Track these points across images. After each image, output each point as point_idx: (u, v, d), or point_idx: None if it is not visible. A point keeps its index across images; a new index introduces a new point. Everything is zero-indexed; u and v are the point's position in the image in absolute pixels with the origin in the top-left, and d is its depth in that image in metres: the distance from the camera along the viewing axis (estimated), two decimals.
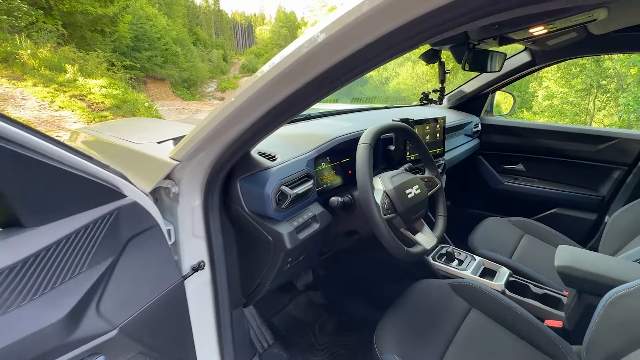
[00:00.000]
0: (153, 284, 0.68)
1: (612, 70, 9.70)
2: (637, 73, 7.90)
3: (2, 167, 0.46)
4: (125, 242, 0.63)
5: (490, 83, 1.88)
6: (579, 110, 10.53)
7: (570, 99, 10.50)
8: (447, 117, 1.75)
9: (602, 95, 10.56)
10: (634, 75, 8.20)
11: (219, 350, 1.01)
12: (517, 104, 12.69)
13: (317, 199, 1.03)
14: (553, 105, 11.05)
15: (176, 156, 0.80)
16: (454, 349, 0.98)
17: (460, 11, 0.42)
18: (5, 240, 0.48)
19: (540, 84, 11.91)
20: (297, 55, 0.55)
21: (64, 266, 0.52)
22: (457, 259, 1.44)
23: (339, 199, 0.98)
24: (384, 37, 0.48)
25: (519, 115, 13.24)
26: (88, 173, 0.56)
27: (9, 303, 0.46)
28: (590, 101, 10.72)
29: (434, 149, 1.53)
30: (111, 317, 0.58)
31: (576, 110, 10.49)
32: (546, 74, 11.29)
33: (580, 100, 10.62)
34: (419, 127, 1.42)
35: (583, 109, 10.82)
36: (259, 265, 0.98)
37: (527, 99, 14.00)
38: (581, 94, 10.31)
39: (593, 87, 10.40)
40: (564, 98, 10.63)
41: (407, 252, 0.91)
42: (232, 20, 79.76)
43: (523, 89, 14.83)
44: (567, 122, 10.07)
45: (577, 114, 10.35)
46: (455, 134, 1.84)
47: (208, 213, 0.90)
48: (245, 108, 0.67)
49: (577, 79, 10.21)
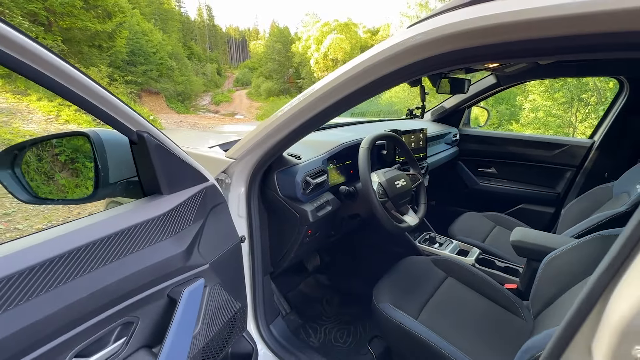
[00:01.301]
0: (225, 239, 0.99)
1: (592, 84, 10.17)
2: (613, 87, 8.42)
3: (157, 161, 0.78)
4: (209, 209, 0.94)
5: (465, 100, 2.26)
6: (562, 122, 11.05)
7: (553, 112, 11.00)
8: (430, 128, 2.11)
9: (583, 108, 11.02)
10: (612, 89, 8.71)
11: (253, 305, 1.32)
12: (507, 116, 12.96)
13: (329, 189, 1.36)
14: (538, 118, 11.55)
15: (232, 156, 1.13)
16: (433, 301, 1.29)
17: (427, 65, 0.75)
18: (153, 202, 0.80)
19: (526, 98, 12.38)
20: (321, 92, 0.89)
21: (182, 219, 0.84)
22: (438, 242, 1.77)
23: (346, 188, 1.31)
24: (376, 80, 0.82)
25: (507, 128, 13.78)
26: (193, 165, 0.88)
27: (158, 237, 0.78)
28: (573, 114, 11.20)
29: (418, 154, 1.88)
30: (205, 256, 0.89)
31: (559, 122, 11.00)
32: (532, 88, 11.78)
33: (563, 113, 11.11)
34: (406, 136, 1.77)
35: (566, 120, 11.30)
36: (285, 239, 1.30)
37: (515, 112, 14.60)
38: (564, 107, 10.83)
39: (575, 100, 10.87)
40: (547, 111, 11.14)
41: (396, 226, 1.24)
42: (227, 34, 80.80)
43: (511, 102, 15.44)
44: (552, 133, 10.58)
45: (560, 125, 10.86)
46: (437, 142, 2.19)
47: (250, 199, 1.22)
48: (283, 124, 1.01)
49: (559, 92, 10.73)
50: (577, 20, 0.52)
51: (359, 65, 0.82)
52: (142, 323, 0.74)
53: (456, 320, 1.21)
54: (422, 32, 0.69)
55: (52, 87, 0.57)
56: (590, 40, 0.55)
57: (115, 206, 0.79)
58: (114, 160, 0.80)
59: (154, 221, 0.77)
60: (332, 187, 1.38)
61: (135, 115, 0.72)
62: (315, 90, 0.91)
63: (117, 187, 0.83)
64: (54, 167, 3.98)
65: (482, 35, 0.62)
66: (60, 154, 4.06)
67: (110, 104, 0.66)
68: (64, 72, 0.57)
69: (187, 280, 0.84)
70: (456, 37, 0.65)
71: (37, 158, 0.89)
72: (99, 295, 0.63)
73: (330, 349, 1.53)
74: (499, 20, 0.59)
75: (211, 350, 0.91)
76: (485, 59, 0.68)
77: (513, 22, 0.57)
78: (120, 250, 0.68)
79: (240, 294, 1.08)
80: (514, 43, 0.60)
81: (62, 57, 0.57)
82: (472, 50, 0.65)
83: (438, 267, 1.47)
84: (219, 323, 0.94)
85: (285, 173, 1.19)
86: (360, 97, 0.89)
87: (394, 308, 1.21)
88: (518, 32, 0.58)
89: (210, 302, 0.90)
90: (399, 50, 0.74)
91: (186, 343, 0.78)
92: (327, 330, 1.63)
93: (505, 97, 17.07)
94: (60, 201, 0.87)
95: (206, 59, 47.31)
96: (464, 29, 0.63)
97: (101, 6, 13.51)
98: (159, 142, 0.78)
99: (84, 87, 0.61)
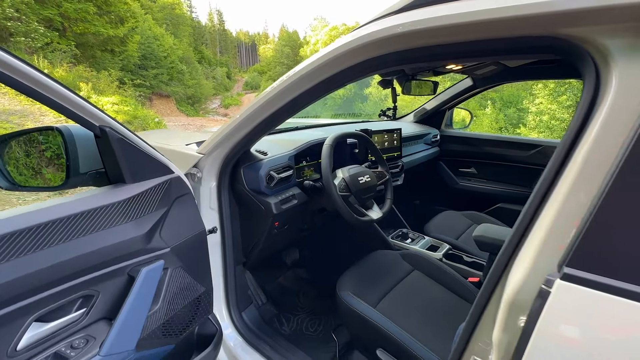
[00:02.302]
0: (188, 228, 1.09)
1: None
2: None
3: (120, 153, 0.88)
4: (174, 199, 1.04)
5: (445, 102, 2.33)
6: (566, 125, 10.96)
7: (557, 116, 10.95)
8: (409, 129, 2.19)
9: None
10: None
11: (225, 292, 1.41)
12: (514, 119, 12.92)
13: (297, 185, 1.45)
14: (542, 121, 11.51)
15: (202, 151, 1.23)
16: (395, 291, 1.36)
17: (367, 65, 0.83)
18: (116, 189, 0.90)
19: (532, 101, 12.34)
20: (279, 87, 0.98)
21: (145, 206, 0.94)
22: (410, 238, 1.84)
23: (310, 182, 1.39)
24: (324, 81, 0.91)
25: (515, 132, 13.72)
26: (158, 159, 0.98)
27: (119, 220, 0.87)
28: None
29: (392, 153, 1.96)
30: (167, 240, 0.99)
31: (564, 126, 10.95)
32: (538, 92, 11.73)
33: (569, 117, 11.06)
34: (379, 136, 1.85)
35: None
36: (254, 230, 1.39)
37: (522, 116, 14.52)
38: (568, 111, 10.79)
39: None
40: (552, 115, 11.09)
41: (357, 219, 1.32)
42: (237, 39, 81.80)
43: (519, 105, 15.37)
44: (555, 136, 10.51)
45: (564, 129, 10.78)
46: (415, 142, 2.26)
47: (220, 192, 1.31)
48: (246, 120, 1.10)
49: (563, 96, 10.68)
50: (487, 25, 0.60)
51: (307, 67, 0.91)
52: (103, 297, 0.83)
53: (413, 309, 1.28)
54: (357, 37, 0.79)
55: (19, 88, 0.67)
56: (497, 44, 0.64)
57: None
58: (84, 153, 0.90)
59: (115, 205, 0.87)
60: (301, 183, 1.46)
61: (97, 111, 0.82)
62: (273, 88, 1.01)
63: (87, 177, 0.93)
64: (39, 160, 4.73)
65: (407, 40, 0.72)
66: (46, 150, 4.52)
67: (72, 102, 0.76)
68: (29, 75, 0.67)
69: (148, 261, 0.93)
70: (382, 42, 0.75)
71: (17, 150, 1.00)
72: (59, 267, 0.73)
73: (300, 337, 1.61)
74: (423, 26, 0.68)
75: (173, 327, 1.01)
76: (417, 60, 0.77)
77: (438, 26, 0.66)
78: (81, 229, 0.78)
79: (204, 279, 1.16)
80: (439, 46, 0.69)
81: (27, 62, 0.67)
82: (397, 54, 0.76)
83: (405, 261, 1.54)
84: (180, 303, 1.03)
85: (251, 168, 1.29)
86: (310, 98, 0.99)
87: (352, 296, 1.28)
88: (444, 37, 0.67)
89: (171, 283, 1.00)
90: (339, 53, 0.83)
91: (142, 317, 0.87)
92: (300, 320, 1.71)
93: (513, 100, 16.98)
94: (35, 188, 0.98)
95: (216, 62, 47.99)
96: (387, 35, 0.73)
97: (114, 12, 13.93)
98: (121, 136, 0.88)
99: (47, 87, 0.71)
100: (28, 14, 10.66)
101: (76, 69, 11.10)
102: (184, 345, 1.12)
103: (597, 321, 0.49)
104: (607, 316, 0.48)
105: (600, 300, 0.48)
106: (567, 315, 0.51)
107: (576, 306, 0.50)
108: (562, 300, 0.52)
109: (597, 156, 0.50)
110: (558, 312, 0.52)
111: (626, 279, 0.47)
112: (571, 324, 0.51)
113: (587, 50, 0.55)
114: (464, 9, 0.62)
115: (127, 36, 15.02)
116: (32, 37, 10.45)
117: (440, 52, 0.72)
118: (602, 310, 0.48)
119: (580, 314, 0.50)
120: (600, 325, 0.49)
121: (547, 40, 0.58)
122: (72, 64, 11.59)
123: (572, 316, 0.51)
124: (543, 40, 0.59)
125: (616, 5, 0.48)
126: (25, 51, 10.35)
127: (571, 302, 0.51)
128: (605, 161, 0.50)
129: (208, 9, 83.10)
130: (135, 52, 16.50)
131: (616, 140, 0.49)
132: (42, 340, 0.74)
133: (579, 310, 0.50)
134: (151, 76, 18.59)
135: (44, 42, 10.94)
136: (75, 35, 12.69)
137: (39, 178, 3.99)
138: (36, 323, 0.73)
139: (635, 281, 0.46)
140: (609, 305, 0.47)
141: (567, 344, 0.51)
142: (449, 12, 0.64)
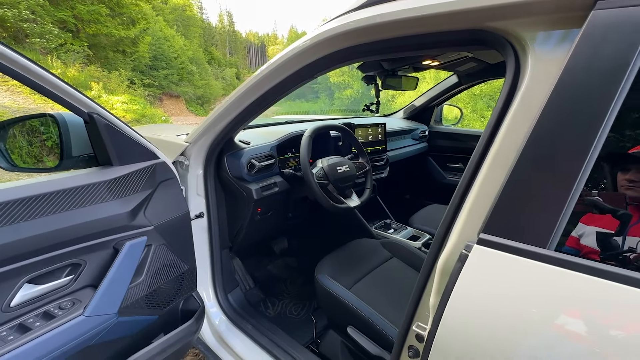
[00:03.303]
0: (172, 209, 1.18)
1: None
2: None
3: (107, 138, 0.98)
4: (158, 182, 1.14)
5: (433, 99, 2.39)
6: None
7: None
8: (397, 124, 2.26)
9: None
10: None
11: (211, 274, 1.51)
12: None
13: (279, 174, 1.54)
14: None
15: (187, 140, 1.33)
16: (372, 275, 1.42)
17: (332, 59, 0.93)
18: (104, 170, 1.00)
19: None
20: (254, 80, 1.08)
21: (130, 187, 1.03)
22: (393, 228, 1.92)
23: (290, 170, 1.48)
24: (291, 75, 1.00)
25: None
26: (144, 144, 1.08)
27: (105, 198, 0.97)
28: None
29: (377, 146, 2.04)
30: (150, 219, 1.08)
31: None
32: None
33: None
34: (363, 130, 1.93)
35: None
36: (238, 215, 1.48)
37: None
38: None
39: None
40: None
41: (334, 205, 1.40)
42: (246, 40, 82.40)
43: None
44: None
45: None
46: (402, 137, 2.33)
47: (207, 179, 1.41)
48: (229, 108, 1.20)
49: None
50: (427, 20, 0.69)
51: (281, 59, 1.01)
52: (90, 266, 0.94)
53: (386, 291, 1.35)
54: (314, 35, 0.88)
55: (17, 77, 0.78)
56: (426, 39, 0.73)
57: None
58: (75, 138, 1.01)
59: (102, 184, 0.97)
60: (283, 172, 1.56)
61: (86, 99, 0.92)
62: (252, 78, 1.10)
63: (79, 160, 1.04)
64: (41, 149, 5.54)
65: (359, 35, 0.81)
66: (47, 139, 5.23)
67: (63, 90, 0.86)
68: (24, 65, 0.78)
69: (132, 236, 1.03)
70: (338, 37, 0.84)
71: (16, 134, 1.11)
72: (49, 236, 0.83)
73: (283, 319, 1.70)
74: (370, 22, 0.77)
75: (157, 300, 1.11)
76: (371, 53, 0.86)
77: (380, 23, 0.75)
78: (70, 203, 0.88)
79: (187, 258, 1.26)
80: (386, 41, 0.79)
81: (23, 54, 0.77)
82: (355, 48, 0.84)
83: (385, 249, 1.60)
84: (164, 278, 1.13)
85: (234, 156, 1.38)
86: (285, 88, 1.08)
87: (328, 278, 1.36)
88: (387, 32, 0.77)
89: (155, 258, 1.09)
90: (306, 47, 0.92)
91: (124, 285, 0.97)
92: (284, 305, 1.80)
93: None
94: (32, 169, 1.09)
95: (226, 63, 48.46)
96: (343, 31, 0.82)
97: (126, 13, 14.25)
98: (108, 122, 0.98)
99: (40, 76, 0.81)
100: (43, 16, 10.99)
101: (88, 69, 11.40)
102: (168, 318, 1.21)
103: (505, 278, 0.56)
104: (514, 274, 0.55)
105: (509, 260, 0.56)
106: (480, 275, 0.59)
107: (488, 266, 0.58)
108: (478, 263, 0.60)
109: (512, 136, 0.59)
110: (473, 273, 0.60)
111: (529, 242, 0.55)
112: (485, 282, 0.59)
113: (508, 40, 0.63)
114: (406, 6, 0.70)
115: (138, 37, 15.34)
116: (47, 38, 10.77)
117: (389, 45, 0.80)
118: (510, 270, 0.56)
119: (491, 273, 0.58)
120: (507, 282, 0.56)
121: (478, 34, 0.66)
122: (85, 64, 11.91)
123: (485, 275, 0.59)
124: (475, 34, 0.67)
125: (532, 1, 0.56)
126: (40, 52, 10.68)
127: (485, 263, 0.59)
128: (517, 140, 0.58)
129: (218, 10, 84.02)
130: (146, 53, 16.82)
131: (527, 122, 0.57)
132: (34, 300, 0.84)
133: (490, 270, 0.58)
134: (161, 76, 18.91)
135: (58, 43, 11.25)
136: (88, 36, 13.02)
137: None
138: (28, 284, 0.83)
139: (535, 243, 0.54)
140: (516, 264, 0.55)
141: (480, 301, 0.59)
142: (392, 9, 0.73)
